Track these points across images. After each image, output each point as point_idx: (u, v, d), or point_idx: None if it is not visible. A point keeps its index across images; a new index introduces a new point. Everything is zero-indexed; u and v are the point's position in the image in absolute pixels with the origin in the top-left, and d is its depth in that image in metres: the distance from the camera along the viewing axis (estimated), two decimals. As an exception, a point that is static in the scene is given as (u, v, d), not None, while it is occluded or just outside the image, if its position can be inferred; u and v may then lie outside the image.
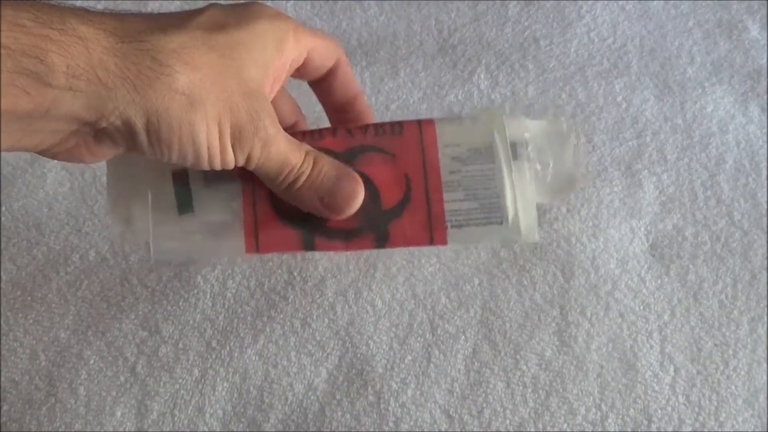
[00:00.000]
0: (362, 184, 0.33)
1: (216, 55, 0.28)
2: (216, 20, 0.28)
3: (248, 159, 0.30)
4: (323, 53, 0.35)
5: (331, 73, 0.36)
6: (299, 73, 0.35)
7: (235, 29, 0.29)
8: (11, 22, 0.23)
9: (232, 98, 0.28)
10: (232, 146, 0.29)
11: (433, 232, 0.34)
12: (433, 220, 0.34)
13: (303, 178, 0.32)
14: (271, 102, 0.31)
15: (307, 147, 0.33)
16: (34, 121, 0.25)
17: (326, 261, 0.43)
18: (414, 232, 0.34)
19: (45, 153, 0.28)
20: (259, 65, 0.30)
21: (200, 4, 0.30)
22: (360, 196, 0.33)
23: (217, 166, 0.30)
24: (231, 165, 0.30)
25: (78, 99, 0.25)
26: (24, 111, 0.24)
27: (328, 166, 0.33)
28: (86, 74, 0.25)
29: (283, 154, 0.31)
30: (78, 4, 0.27)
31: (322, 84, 0.37)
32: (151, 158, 0.28)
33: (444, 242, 0.34)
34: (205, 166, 0.29)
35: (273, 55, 0.30)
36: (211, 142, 0.28)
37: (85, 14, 0.25)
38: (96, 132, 0.27)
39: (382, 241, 0.34)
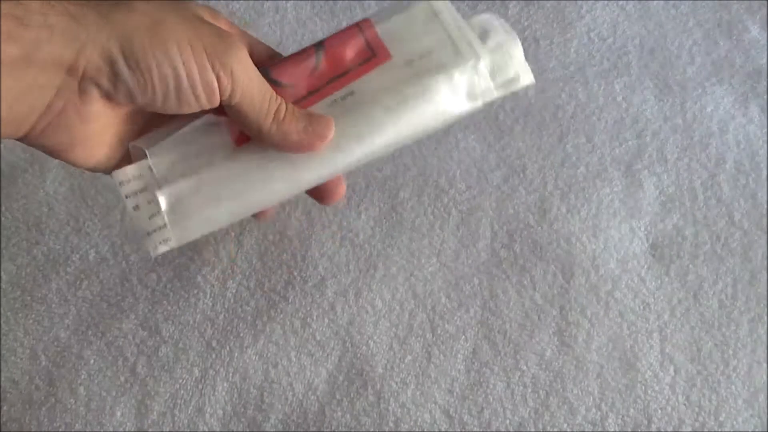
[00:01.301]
0: (330, 123, 0.33)
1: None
2: None
3: (233, 81, 0.29)
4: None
5: None
6: None
7: None
8: None
9: (194, 23, 0.29)
10: (211, 65, 0.29)
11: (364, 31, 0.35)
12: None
13: (284, 107, 0.31)
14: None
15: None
16: (22, 71, 0.26)
17: (326, 261, 0.43)
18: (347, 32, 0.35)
19: (36, 134, 0.28)
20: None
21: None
22: (331, 128, 0.32)
23: (201, 95, 0.29)
24: (215, 92, 0.29)
25: (54, 36, 0.26)
26: (11, 57, 0.25)
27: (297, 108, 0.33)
28: (56, 8, 0.26)
29: (255, 84, 0.30)
30: None
31: None
32: (136, 96, 0.28)
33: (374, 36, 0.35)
34: (190, 97, 0.29)
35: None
36: (186, 61, 0.28)
37: None
38: (79, 85, 0.28)
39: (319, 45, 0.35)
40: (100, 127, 0.30)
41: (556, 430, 0.38)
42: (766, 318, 0.42)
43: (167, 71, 0.28)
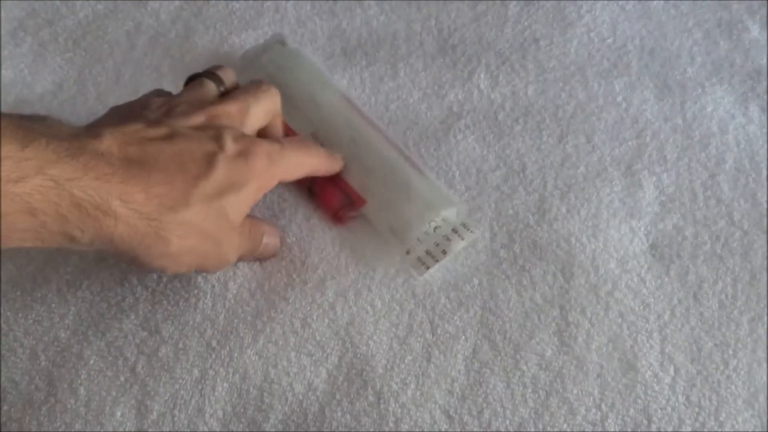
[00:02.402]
0: (278, 234, 0.43)
1: (206, 223, 0.35)
2: (217, 187, 0.35)
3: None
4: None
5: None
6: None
7: (230, 194, 0.35)
8: (75, 203, 0.30)
9: (207, 253, 0.36)
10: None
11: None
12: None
13: (245, 253, 0.41)
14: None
15: (249, 225, 0.40)
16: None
17: (326, 264, 0.43)
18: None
19: None
20: (243, 213, 0.38)
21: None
22: (278, 245, 0.43)
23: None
24: None
25: (89, 249, 0.33)
26: (42, 247, 0.32)
27: (258, 231, 0.41)
28: (105, 241, 0.32)
29: (235, 259, 0.40)
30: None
31: None
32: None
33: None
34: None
35: (255, 201, 0.38)
36: (175, 274, 0.39)
37: (128, 192, 0.32)
38: None
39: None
40: None
41: (556, 430, 0.38)
42: (766, 318, 0.42)
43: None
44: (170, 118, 0.36)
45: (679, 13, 0.56)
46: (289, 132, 0.47)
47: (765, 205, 0.46)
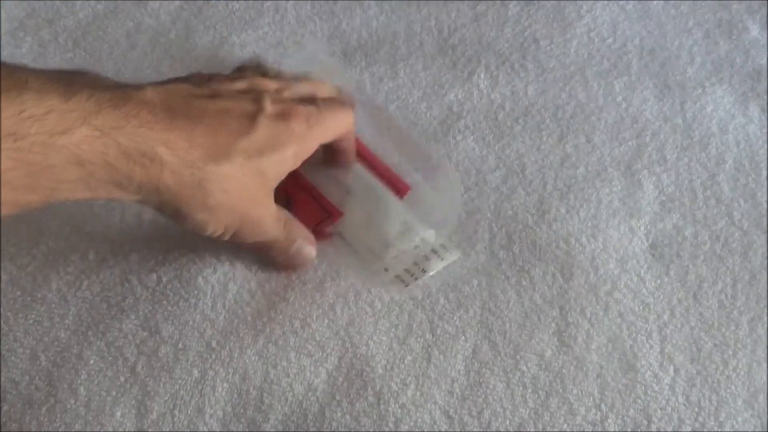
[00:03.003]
0: (315, 247, 0.42)
1: (245, 179, 0.35)
2: (257, 146, 0.35)
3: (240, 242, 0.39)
4: (341, 139, 0.42)
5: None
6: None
7: (270, 154, 0.36)
8: (122, 151, 0.31)
9: (245, 212, 0.37)
10: (231, 239, 0.38)
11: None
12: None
13: (277, 243, 0.40)
14: None
15: (285, 217, 0.41)
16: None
17: (325, 264, 0.43)
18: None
19: None
20: (279, 177, 0.38)
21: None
22: (313, 257, 0.42)
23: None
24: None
25: (136, 197, 0.33)
26: (95, 199, 0.32)
27: (296, 230, 0.41)
28: (151, 189, 0.33)
29: (269, 236, 0.40)
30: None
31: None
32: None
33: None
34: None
35: (292, 167, 0.38)
36: (213, 234, 0.37)
37: (172, 139, 0.33)
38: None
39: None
40: None
41: (556, 430, 0.38)
42: (766, 318, 0.42)
43: (195, 230, 0.37)
44: (213, 82, 0.37)
45: (679, 13, 0.56)
46: (362, 150, 0.46)
47: (765, 205, 0.46)
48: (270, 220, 0.39)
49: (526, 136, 0.49)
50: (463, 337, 0.41)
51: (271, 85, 0.39)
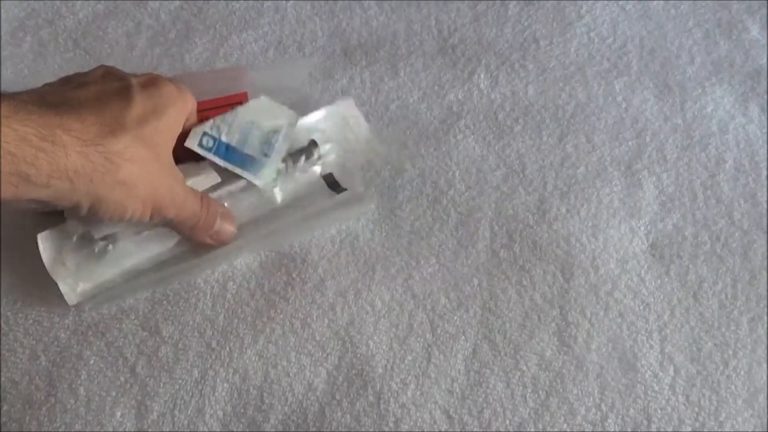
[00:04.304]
0: (235, 222, 0.43)
1: (145, 148, 0.36)
2: (141, 113, 0.36)
3: (164, 221, 0.39)
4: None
5: None
6: None
7: (155, 120, 0.37)
8: (20, 137, 0.31)
9: (156, 181, 0.37)
10: (151, 216, 0.38)
11: None
12: None
13: (201, 221, 0.41)
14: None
15: (201, 192, 0.41)
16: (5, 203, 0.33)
17: (326, 263, 0.43)
18: None
19: None
20: (171, 142, 0.39)
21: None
22: (234, 232, 0.43)
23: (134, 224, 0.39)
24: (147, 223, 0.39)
25: (48, 190, 0.33)
26: (4, 199, 0.32)
27: (215, 207, 0.41)
28: (61, 176, 0.33)
29: (189, 209, 0.40)
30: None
31: None
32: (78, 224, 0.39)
33: None
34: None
35: (178, 130, 0.40)
36: (134, 215, 0.37)
37: (65, 122, 0.33)
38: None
39: None
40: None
41: (556, 430, 0.38)
42: (766, 318, 0.42)
43: (114, 220, 0.37)
44: (74, 77, 0.38)
45: (679, 13, 0.56)
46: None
47: (765, 205, 0.46)
48: (182, 188, 0.39)
49: (526, 136, 0.49)
50: (463, 337, 0.41)
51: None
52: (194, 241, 0.42)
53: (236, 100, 0.45)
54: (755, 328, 0.42)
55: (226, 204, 0.43)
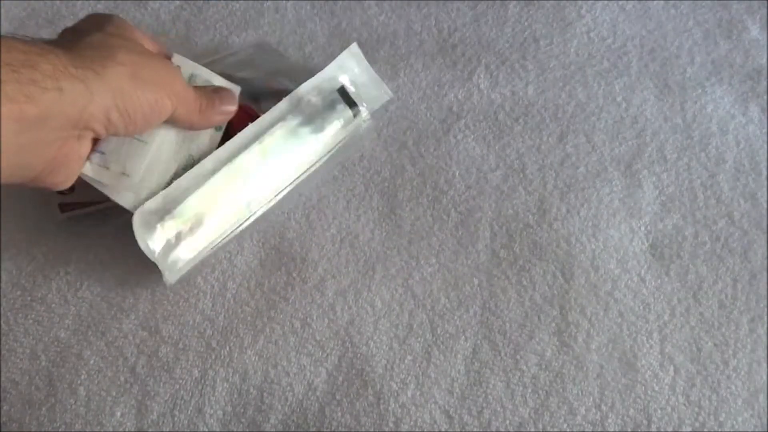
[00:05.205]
0: (234, 97, 0.42)
1: (136, 55, 0.35)
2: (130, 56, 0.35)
3: (177, 102, 0.38)
4: None
5: None
6: None
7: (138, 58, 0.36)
8: (11, 47, 0.30)
9: (151, 63, 0.36)
10: (167, 96, 0.37)
11: None
12: None
13: (204, 102, 0.40)
14: None
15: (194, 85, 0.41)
16: (37, 128, 0.31)
17: (326, 262, 0.43)
18: None
19: (40, 178, 0.34)
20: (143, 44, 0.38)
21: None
22: (235, 106, 0.42)
23: (161, 118, 0.37)
24: (169, 113, 0.38)
25: (64, 97, 0.31)
26: (29, 117, 0.30)
27: (209, 89, 0.41)
28: (65, 73, 0.31)
29: (190, 92, 0.39)
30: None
31: None
32: (120, 132, 0.36)
33: None
34: (155, 122, 0.37)
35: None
36: (155, 99, 0.36)
37: (45, 54, 0.32)
38: (79, 133, 0.34)
39: None
40: (82, 158, 0.36)
41: (556, 430, 0.38)
42: (766, 318, 0.42)
43: (145, 110, 0.35)
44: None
45: (679, 13, 0.56)
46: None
47: (765, 205, 0.46)
48: (178, 77, 0.39)
49: (526, 136, 0.49)
50: (463, 337, 0.41)
51: None
52: (202, 128, 0.41)
53: None
54: (755, 328, 0.42)
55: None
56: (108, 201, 0.39)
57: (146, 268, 0.43)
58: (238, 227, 0.42)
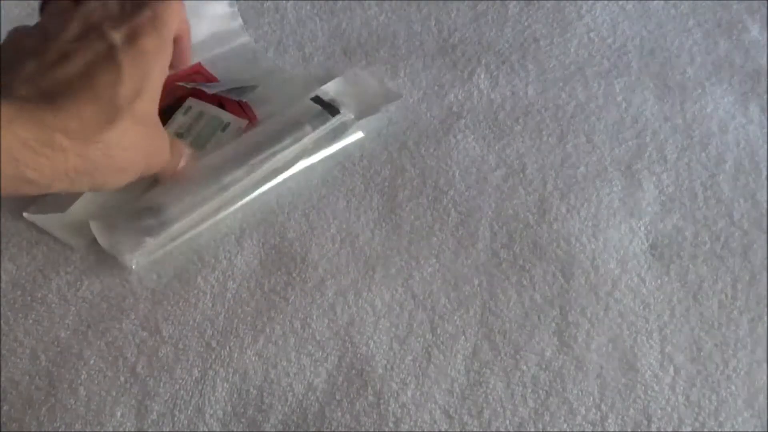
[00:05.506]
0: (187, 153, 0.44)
1: (140, 125, 0.37)
2: (131, 87, 0.36)
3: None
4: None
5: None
6: None
7: (145, 91, 0.36)
8: (22, 142, 0.31)
9: (149, 149, 0.39)
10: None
11: None
12: None
13: (175, 164, 0.43)
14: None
15: (170, 137, 0.42)
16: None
17: (326, 263, 0.43)
18: None
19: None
20: (157, 99, 0.38)
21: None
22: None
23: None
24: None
25: (49, 189, 0.34)
26: (4, 195, 0.33)
27: (179, 146, 0.44)
28: (62, 178, 0.34)
29: (173, 160, 0.43)
30: None
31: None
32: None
33: None
34: None
35: (160, 79, 0.38)
36: (129, 182, 0.39)
37: (63, 123, 0.33)
38: None
39: None
40: None
41: (556, 430, 0.38)
42: (766, 318, 0.42)
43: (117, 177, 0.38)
44: (51, 41, 0.36)
45: (679, 13, 0.56)
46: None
47: (765, 205, 0.46)
48: (166, 144, 0.41)
49: (526, 136, 0.49)
50: (463, 337, 0.41)
51: (98, 9, 0.38)
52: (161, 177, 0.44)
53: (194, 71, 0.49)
54: (755, 328, 0.42)
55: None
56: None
57: (147, 267, 0.43)
58: (218, 210, 0.44)
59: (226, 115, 0.47)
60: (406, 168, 0.47)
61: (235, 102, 0.48)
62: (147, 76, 0.36)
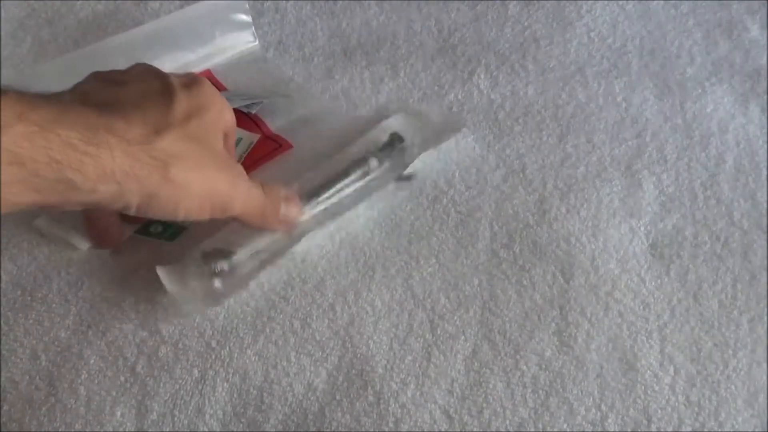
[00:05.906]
0: (299, 205, 0.43)
1: (194, 142, 0.35)
2: (186, 110, 0.35)
3: (230, 217, 0.38)
4: None
5: None
6: None
7: (199, 117, 0.36)
8: (65, 142, 0.30)
9: (212, 176, 0.36)
10: (212, 213, 0.37)
11: None
12: None
13: (267, 210, 0.40)
14: None
15: (258, 180, 0.40)
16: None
17: (325, 263, 0.43)
18: None
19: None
20: (219, 137, 0.38)
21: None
22: (300, 214, 0.43)
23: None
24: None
25: (94, 195, 0.32)
26: (48, 203, 0.31)
27: (276, 193, 0.41)
28: (108, 180, 0.32)
29: (254, 201, 0.39)
30: None
31: None
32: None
33: None
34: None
35: (221, 124, 0.38)
36: (189, 214, 0.36)
37: (109, 123, 0.32)
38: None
39: None
40: None
41: (556, 430, 0.38)
42: (766, 318, 0.42)
43: (169, 216, 0.36)
44: (112, 74, 0.37)
45: (679, 13, 0.56)
46: None
47: (765, 205, 0.46)
48: (243, 180, 0.38)
49: (526, 136, 0.49)
50: (463, 337, 0.41)
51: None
52: (264, 230, 0.42)
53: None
54: (755, 328, 0.42)
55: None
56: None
57: (147, 267, 0.43)
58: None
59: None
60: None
61: (244, 114, 0.48)
62: (202, 109, 0.36)
